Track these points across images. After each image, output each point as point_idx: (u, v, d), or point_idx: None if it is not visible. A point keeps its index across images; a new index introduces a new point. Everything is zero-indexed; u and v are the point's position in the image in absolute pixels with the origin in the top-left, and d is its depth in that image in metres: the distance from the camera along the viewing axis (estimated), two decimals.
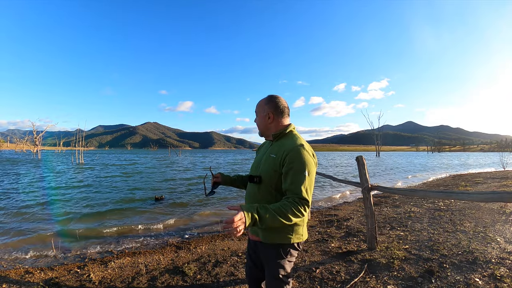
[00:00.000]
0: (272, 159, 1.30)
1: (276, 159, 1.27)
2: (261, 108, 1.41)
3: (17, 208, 6.36)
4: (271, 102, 1.38)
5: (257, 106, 1.43)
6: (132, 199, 7.85)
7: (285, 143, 1.30)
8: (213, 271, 2.79)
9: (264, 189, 1.31)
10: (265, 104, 1.39)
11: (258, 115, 1.43)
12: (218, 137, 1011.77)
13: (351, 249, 3.14)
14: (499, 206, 4.51)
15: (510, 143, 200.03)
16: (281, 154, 1.26)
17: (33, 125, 45.30)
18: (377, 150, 63.74)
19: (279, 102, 1.37)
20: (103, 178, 13.39)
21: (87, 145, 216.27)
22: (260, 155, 1.47)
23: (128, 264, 3.08)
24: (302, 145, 1.25)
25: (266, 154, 1.38)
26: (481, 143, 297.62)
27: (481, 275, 2.24)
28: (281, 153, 1.26)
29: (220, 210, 6.46)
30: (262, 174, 1.32)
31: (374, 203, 3.88)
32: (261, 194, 1.33)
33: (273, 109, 1.37)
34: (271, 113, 1.37)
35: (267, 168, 1.30)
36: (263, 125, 1.41)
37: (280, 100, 1.38)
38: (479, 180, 9.84)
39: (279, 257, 1.29)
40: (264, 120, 1.39)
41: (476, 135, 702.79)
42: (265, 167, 1.32)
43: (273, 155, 1.30)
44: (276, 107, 1.37)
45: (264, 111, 1.39)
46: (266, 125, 1.39)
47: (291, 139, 1.31)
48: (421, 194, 2.50)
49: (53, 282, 2.62)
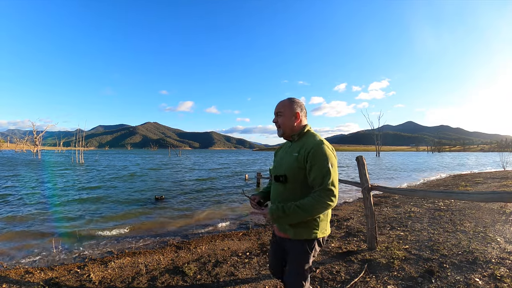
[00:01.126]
0: (295, 157, 1.36)
1: (299, 156, 1.34)
2: (287, 108, 1.45)
3: (16, 209, 6.36)
4: (296, 103, 1.46)
5: (282, 107, 1.47)
6: (132, 199, 7.86)
7: (306, 141, 1.38)
8: (213, 271, 2.79)
9: (291, 187, 1.38)
10: (292, 105, 1.45)
11: (283, 115, 1.46)
12: (218, 137, 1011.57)
13: (351, 249, 3.14)
14: (499, 206, 4.50)
15: (510, 143, 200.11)
16: (303, 151, 1.33)
17: (33, 125, 45.32)
18: (377, 150, 63.76)
19: (303, 104, 1.49)
20: (102, 178, 13.40)
21: (87, 145, 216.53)
22: (281, 155, 1.52)
23: (128, 264, 3.08)
24: (322, 141, 1.34)
25: (288, 154, 1.44)
26: (481, 143, 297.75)
27: (481, 275, 2.24)
28: (303, 150, 1.34)
29: (220, 210, 6.47)
30: (287, 172, 1.38)
31: (374, 203, 3.88)
32: (287, 192, 1.39)
33: (299, 109, 1.45)
34: (298, 114, 1.44)
35: (291, 166, 1.36)
36: (290, 125, 1.45)
37: (301, 101, 1.49)
38: (479, 180, 9.84)
39: (305, 252, 1.37)
40: (291, 120, 1.44)
41: (476, 135, 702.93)
42: (289, 165, 1.38)
43: (296, 154, 1.37)
44: (302, 108, 1.47)
45: (291, 111, 1.44)
46: (292, 125, 1.45)
47: (312, 137, 1.39)
48: (421, 194, 2.50)
49: (53, 282, 2.62)
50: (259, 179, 10.66)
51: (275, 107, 1.51)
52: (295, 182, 1.36)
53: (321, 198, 1.24)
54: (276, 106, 1.51)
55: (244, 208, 6.65)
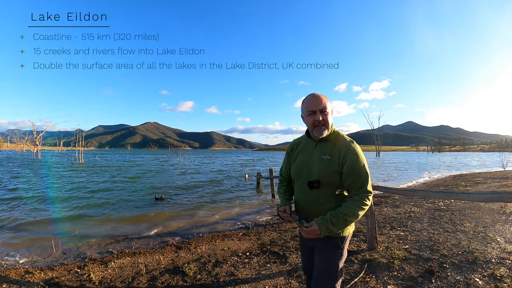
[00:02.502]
0: (327, 161, 1.28)
1: (332, 160, 1.27)
2: (329, 104, 1.31)
3: (16, 209, 6.37)
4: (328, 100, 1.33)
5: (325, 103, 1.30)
6: (132, 199, 7.86)
7: (336, 143, 1.30)
8: (213, 271, 2.79)
9: (326, 192, 1.31)
10: (328, 101, 1.32)
11: (328, 112, 1.30)
12: (218, 137, 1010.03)
13: (351, 249, 3.14)
14: (499, 206, 4.51)
15: (510, 143, 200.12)
16: (337, 154, 1.27)
17: (33, 125, 45.34)
18: (377, 150, 63.75)
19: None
20: (102, 178, 13.40)
21: (87, 145, 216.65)
22: (305, 157, 1.37)
23: (128, 264, 3.08)
24: (354, 142, 1.30)
25: (315, 156, 1.33)
26: (481, 143, 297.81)
27: (481, 275, 2.24)
28: (336, 153, 1.27)
29: (220, 210, 6.47)
30: (321, 177, 1.29)
31: (374, 203, 3.88)
32: (323, 197, 1.31)
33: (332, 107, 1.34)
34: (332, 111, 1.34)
35: (325, 171, 1.28)
36: (332, 124, 1.33)
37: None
38: (479, 180, 9.84)
39: (336, 250, 1.32)
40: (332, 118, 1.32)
41: (476, 135, 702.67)
42: (322, 170, 1.28)
43: (327, 156, 1.28)
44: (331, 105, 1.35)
45: (330, 108, 1.32)
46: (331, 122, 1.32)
47: (341, 137, 1.32)
48: (421, 194, 2.50)
49: (53, 282, 2.62)
50: (259, 179, 10.67)
51: (314, 103, 1.30)
52: (330, 187, 1.29)
53: (362, 201, 1.22)
54: (315, 101, 1.30)
55: (244, 208, 6.65)
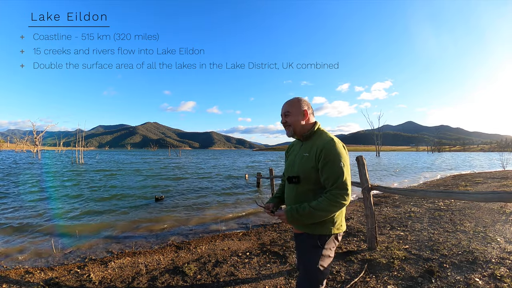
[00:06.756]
0: (306, 158, 1.35)
1: (310, 156, 1.33)
2: (295, 107, 1.42)
3: (16, 209, 6.37)
4: (304, 101, 1.44)
5: (289, 106, 1.44)
6: (132, 199, 7.86)
7: (316, 140, 1.37)
8: (213, 271, 2.79)
9: (304, 188, 1.37)
10: (299, 103, 1.43)
11: (292, 114, 1.43)
12: (218, 137, 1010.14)
13: (351, 249, 3.14)
14: (499, 206, 4.50)
15: (510, 143, 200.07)
16: (314, 150, 1.32)
17: (33, 125, 45.30)
18: (377, 150, 63.76)
19: (309, 102, 1.47)
20: (102, 178, 13.40)
21: (87, 145, 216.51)
22: (293, 156, 1.49)
23: (128, 264, 3.08)
24: (334, 139, 1.32)
25: (299, 154, 1.42)
26: (481, 143, 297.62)
27: (481, 275, 2.24)
28: (314, 149, 1.32)
29: (220, 210, 6.46)
30: (300, 173, 1.36)
31: (374, 203, 3.88)
32: (301, 193, 1.38)
33: (306, 107, 1.43)
34: (306, 112, 1.42)
35: (303, 167, 1.35)
36: (299, 124, 1.43)
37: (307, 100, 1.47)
38: (479, 180, 9.83)
39: (314, 249, 1.33)
40: (299, 119, 1.42)
41: (476, 135, 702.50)
42: (301, 166, 1.36)
43: (307, 154, 1.36)
44: (308, 106, 1.45)
45: (299, 110, 1.42)
46: (301, 124, 1.42)
47: (322, 136, 1.38)
48: (421, 194, 2.50)
49: (53, 282, 2.62)
50: (259, 179, 10.66)
51: (282, 107, 1.47)
52: (308, 183, 1.35)
53: (334, 197, 1.23)
54: (282, 106, 1.47)
55: (244, 208, 6.65)
